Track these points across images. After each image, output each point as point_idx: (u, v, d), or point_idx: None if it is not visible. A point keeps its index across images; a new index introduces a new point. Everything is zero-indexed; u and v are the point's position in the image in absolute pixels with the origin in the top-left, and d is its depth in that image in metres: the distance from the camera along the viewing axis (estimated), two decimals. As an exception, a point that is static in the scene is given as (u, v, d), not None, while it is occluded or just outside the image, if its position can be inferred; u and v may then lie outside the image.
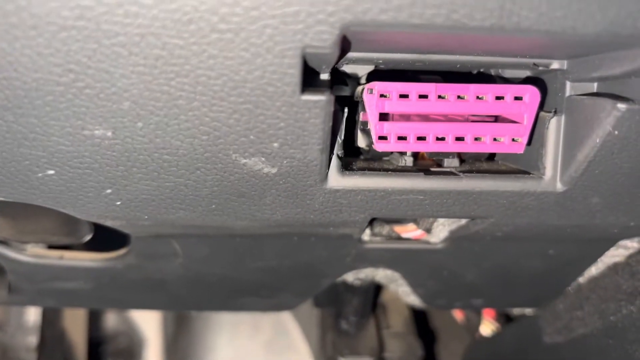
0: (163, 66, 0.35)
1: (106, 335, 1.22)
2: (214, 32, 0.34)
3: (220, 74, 0.36)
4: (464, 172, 0.47)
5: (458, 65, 0.46)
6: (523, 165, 0.49)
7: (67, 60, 0.35)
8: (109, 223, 0.49)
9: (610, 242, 0.62)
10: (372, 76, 0.48)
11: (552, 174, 0.46)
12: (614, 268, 0.65)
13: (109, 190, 0.44)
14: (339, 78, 0.48)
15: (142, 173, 0.42)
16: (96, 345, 1.20)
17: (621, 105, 0.40)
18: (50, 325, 1.04)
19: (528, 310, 0.83)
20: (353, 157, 0.50)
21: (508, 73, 0.49)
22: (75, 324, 1.10)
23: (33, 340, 1.04)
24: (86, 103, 0.37)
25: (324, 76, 0.42)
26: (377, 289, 0.93)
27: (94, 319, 1.19)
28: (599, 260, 0.66)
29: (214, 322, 1.14)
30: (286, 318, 1.12)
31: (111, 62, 0.35)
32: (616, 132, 0.42)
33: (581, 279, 0.69)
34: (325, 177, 0.44)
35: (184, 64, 0.35)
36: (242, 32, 0.34)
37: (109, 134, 0.39)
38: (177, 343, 1.18)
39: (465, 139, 0.45)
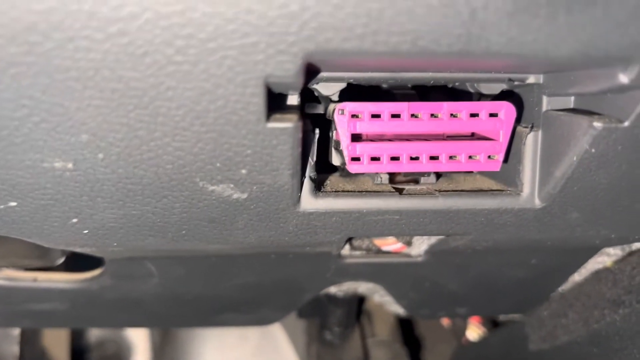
0: (120, 99, 0.34)
1: (93, 342, 1.21)
2: (170, 64, 0.32)
3: (181, 105, 0.35)
4: (440, 190, 0.46)
5: (432, 82, 0.44)
6: (501, 181, 0.48)
7: (19, 95, 0.33)
8: (78, 250, 0.48)
9: (593, 250, 0.61)
10: (345, 93, 0.47)
11: (530, 190, 0.45)
12: (597, 276, 0.64)
13: (74, 220, 0.42)
14: (312, 95, 0.46)
15: (107, 202, 0.41)
16: (82, 352, 1.19)
17: (597, 124, 0.39)
18: (30, 340, 1.02)
19: (514, 315, 0.82)
20: (327, 174, 0.49)
21: (483, 87, 0.48)
22: (56, 335, 1.09)
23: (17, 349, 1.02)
24: (43, 136, 0.36)
25: (292, 100, 0.41)
26: (361, 297, 0.92)
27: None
28: (582, 266, 0.65)
29: (201, 329, 1.13)
30: (273, 324, 1.11)
31: (65, 97, 0.33)
32: (593, 150, 0.41)
33: (565, 285, 0.69)
34: (297, 200, 0.43)
35: (142, 95, 0.34)
36: (200, 63, 0.32)
37: (70, 165, 0.38)
38: (164, 350, 1.16)
39: (439, 158, 0.44)
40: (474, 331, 0.89)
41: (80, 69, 0.32)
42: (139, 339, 1.23)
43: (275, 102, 0.38)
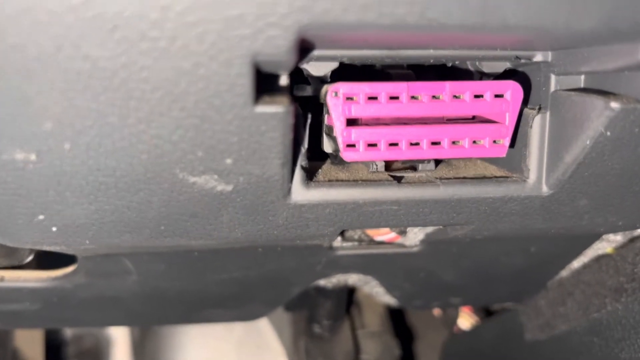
0: (87, 80, 0.30)
1: (70, 336, 1.17)
2: (144, 41, 0.28)
3: (157, 87, 0.31)
4: (441, 178, 0.43)
5: (431, 60, 0.41)
6: (504, 167, 0.45)
7: (-30, 78, 0.29)
8: (46, 248, 0.44)
9: (594, 237, 0.58)
10: (338, 73, 0.43)
11: (536, 176, 0.42)
12: (598, 263, 0.62)
13: (41, 217, 0.38)
14: (301, 76, 0.42)
15: (77, 197, 0.37)
16: (59, 346, 1.15)
17: (615, 105, 0.36)
18: (1, 342, 0.98)
19: (508, 304, 0.80)
20: (319, 161, 0.45)
21: (486, 65, 0.44)
22: (30, 334, 1.04)
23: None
24: (1, 125, 0.32)
25: (283, 80, 0.37)
26: (351, 288, 0.89)
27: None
28: (581, 253, 0.63)
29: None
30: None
31: (24, 79, 0.29)
32: (608, 133, 0.38)
33: (564, 273, 0.66)
34: (288, 191, 0.40)
35: (112, 77, 0.30)
36: (177, 39, 0.28)
37: (33, 157, 0.34)
38: (145, 343, 1.13)
39: (441, 143, 0.40)
40: (466, 320, 0.87)
41: (39, 47, 0.28)
42: (118, 332, 1.19)
43: (263, 83, 0.34)
